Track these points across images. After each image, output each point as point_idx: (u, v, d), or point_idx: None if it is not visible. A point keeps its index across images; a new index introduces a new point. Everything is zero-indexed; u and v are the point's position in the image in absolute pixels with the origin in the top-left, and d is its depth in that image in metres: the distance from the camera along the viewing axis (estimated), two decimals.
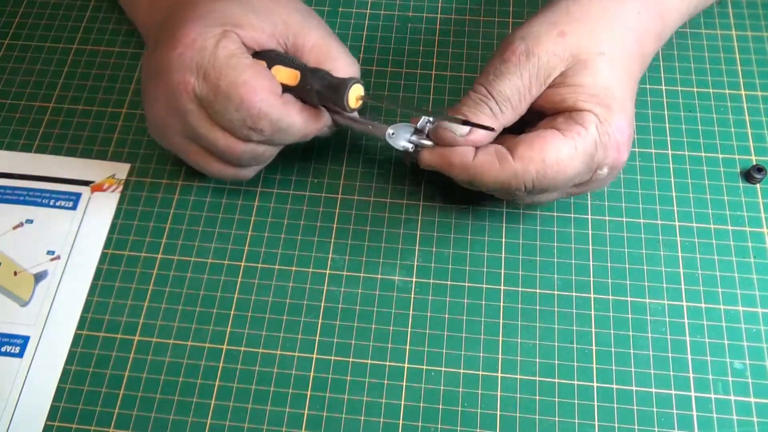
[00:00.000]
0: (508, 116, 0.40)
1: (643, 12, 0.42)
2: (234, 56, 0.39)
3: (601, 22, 0.41)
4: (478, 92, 0.40)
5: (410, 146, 0.42)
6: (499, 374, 0.42)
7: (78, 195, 0.48)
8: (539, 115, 0.41)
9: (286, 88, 0.40)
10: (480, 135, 0.40)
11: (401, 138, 0.42)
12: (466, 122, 0.39)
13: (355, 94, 0.40)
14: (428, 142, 0.41)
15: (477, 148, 0.40)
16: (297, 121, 0.40)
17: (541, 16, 0.42)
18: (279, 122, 0.40)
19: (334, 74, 0.40)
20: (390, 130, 0.42)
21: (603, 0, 0.42)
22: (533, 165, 0.38)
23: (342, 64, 0.41)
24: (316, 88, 0.40)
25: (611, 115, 0.39)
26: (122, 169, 0.49)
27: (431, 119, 0.41)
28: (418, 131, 0.42)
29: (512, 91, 0.40)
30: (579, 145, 0.38)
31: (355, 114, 0.43)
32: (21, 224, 0.47)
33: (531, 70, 0.40)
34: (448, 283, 0.45)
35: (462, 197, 0.47)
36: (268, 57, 0.41)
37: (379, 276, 0.45)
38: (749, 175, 0.47)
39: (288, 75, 0.41)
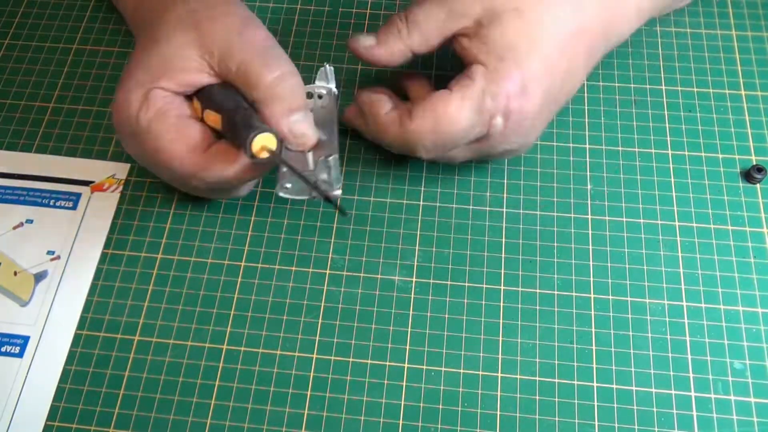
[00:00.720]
0: (416, 41, 0.42)
1: None
2: (154, 121, 0.38)
3: None
4: (395, 16, 0.42)
5: (313, 189, 0.38)
6: (499, 374, 0.42)
7: (78, 195, 0.48)
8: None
9: (220, 133, 0.39)
10: (385, 52, 0.42)
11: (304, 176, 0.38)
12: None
13: (261, 144, 0.36)
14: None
15: (390, 110, 0.42)
16: (229, 172, 0.38)
17: None
18: (208, 178, 0.39)
19: (259, 106, 0.37)
20: (287, 184, 0.39)
21: None
22: (426, 123, 0.40)
23: (262, 95, 0.38)
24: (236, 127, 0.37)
25: (502, 65, 0.40)
26: (122, 169, 0.49)
27: (329, 67, 0.45)
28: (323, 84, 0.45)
29: (424, 17, 0.41)
30: (465, 95, 0.39)
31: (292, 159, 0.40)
32: (21, 224, 0.47)
33: (450, 3, 0.41)
34: (448, 283, 0.45)
35: (462, 197, 0.47)
36: (204, 97, 0.39)
37: (379, 276, 0.45)
38: (749, 175, 0.47)
39: (216, 119, 0.39)
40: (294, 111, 0.39)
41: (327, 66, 0.45)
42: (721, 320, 0.43)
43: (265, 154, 0.36)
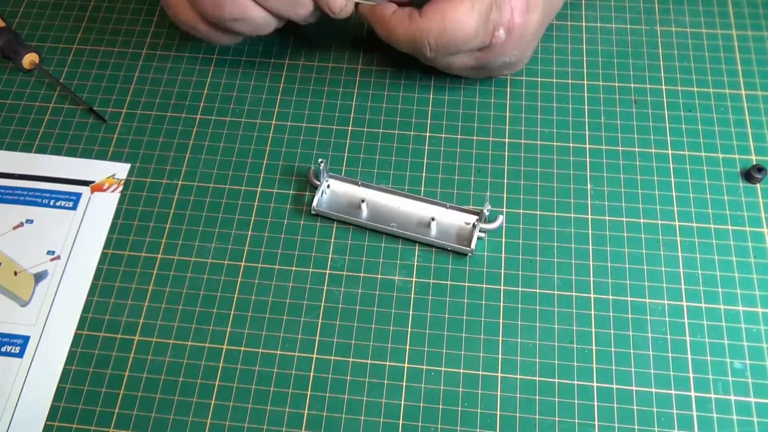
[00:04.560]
0: None
1: None
2: None
3: None
4: None
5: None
6: (499, 374, 0.42)
7: (78, 195, 0.48)
8: None
9: None
10: None
11: None
12: None
13: (29, 60, 0.52)
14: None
15: (397, 8, 0.46)
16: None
17: None
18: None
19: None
20: None
21: None
22: (435, 22, 0.44)
23: None
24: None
25: None
26: (122, 169, 0.49)
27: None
28: None
29: None
30: (475, 4, 0.43)
31: None
32: (21, 224, 0.47)
33: None
34: (448, 283, 0.45)
35: (462, 197, 0.47)
36: None
37: (379, 276, 0.45)
38: (749, 175, 0.47)
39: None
40: None
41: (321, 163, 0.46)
42: (721, 320, 0.43)
43: (31, 66, 0.52)
